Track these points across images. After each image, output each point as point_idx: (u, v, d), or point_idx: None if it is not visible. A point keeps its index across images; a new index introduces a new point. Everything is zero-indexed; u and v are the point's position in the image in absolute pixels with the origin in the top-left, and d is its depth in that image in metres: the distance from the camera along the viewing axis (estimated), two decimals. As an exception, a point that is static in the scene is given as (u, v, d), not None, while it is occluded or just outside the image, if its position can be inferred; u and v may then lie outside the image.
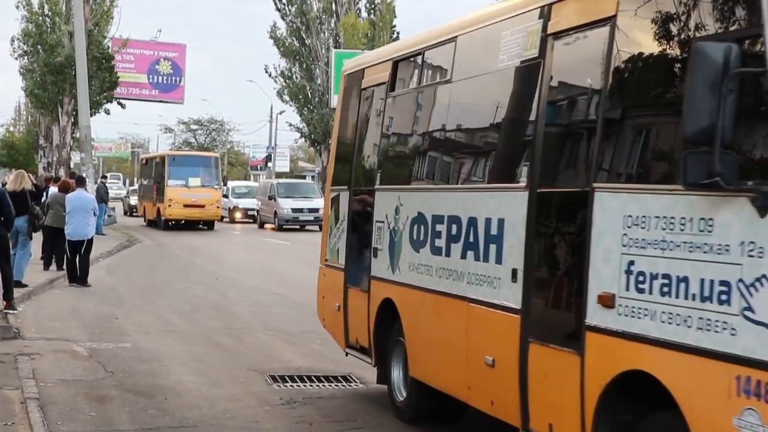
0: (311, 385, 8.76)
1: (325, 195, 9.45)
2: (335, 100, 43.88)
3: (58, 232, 16.86)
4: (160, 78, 56.19)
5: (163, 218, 34.97)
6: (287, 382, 8.87)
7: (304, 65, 57.20)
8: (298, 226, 35.94)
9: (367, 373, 9.24)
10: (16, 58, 36.97)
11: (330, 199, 9.04)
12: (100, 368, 9.34)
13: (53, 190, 18.36)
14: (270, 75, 59.18)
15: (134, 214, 44.23)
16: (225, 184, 36.76)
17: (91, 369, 9.32)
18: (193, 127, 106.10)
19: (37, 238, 16.33)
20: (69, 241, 16.31)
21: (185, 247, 27.13)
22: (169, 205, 34.24)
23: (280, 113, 71.56)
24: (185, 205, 34.23)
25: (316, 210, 32.83)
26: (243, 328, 12.22)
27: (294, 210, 35.57)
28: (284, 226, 35.46)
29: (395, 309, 7.36)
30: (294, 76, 57.91)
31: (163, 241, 29.37)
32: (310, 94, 57.17)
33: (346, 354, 8.60)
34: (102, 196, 28.71)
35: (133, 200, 45.83)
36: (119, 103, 38.08)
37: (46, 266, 17.55)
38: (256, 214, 40.16)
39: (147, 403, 7.98)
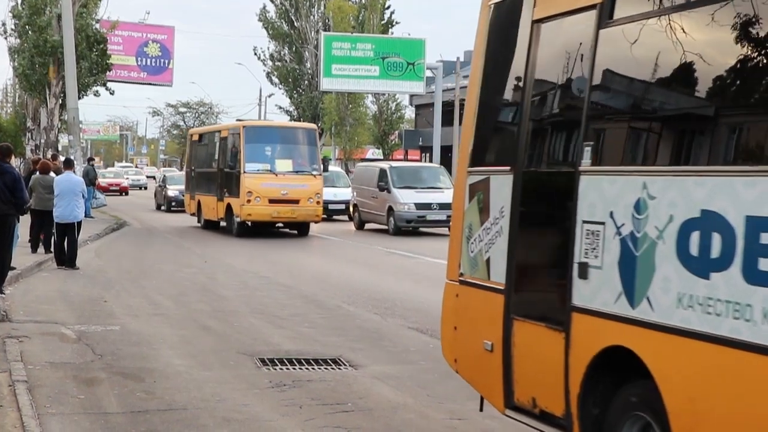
0: (300, 368, 8.75)
1: (457, 180, 6.57)
2: (325, 83, 43.90)
3: (43, 215, 16.80)
4: (148, 60, 55.88)
5: (237, 219, 24.34)
6: (276, 365, 8.85)
7: (294, 48, 57.01)
8: (420, 229, 25.98)
9: (357, 356, 9.25)
10: (6, 38, 36.67)
11: (468, 186, 6.29)
12: (89, 351, 9.31)
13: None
14: (259, 58, 59.02)
15: (173, 209, 35.98)
16: (326, 170, 25.72)
17: (80, 352, 9.28)
18: (182, 110, 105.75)
19: (25, 221, 16.26)
20: (57, 224, 16.24)
21: (175, 230, 27.07)
22: (248, 201, 23.65)
23: (269, 96, 71.54)
24: (272, 201, 23.77)
25: (448, 206, 24.06)
26: (231, 311, 12.20)
27: (419, 206, 25.12)
28: (403, 229, 25.51)
29: (636, 364, 4.65)
30: (284, 59, 57.74)
31: (153, 225, 29.28)
32: (299, 77, 57.03)
33: (506, 414, 5.90)
34: (91, 179, 28.57)
35: (173, 191, 36.50)
36: (107, 89, 37.78)
37: (34, 249, 17.48)
38: (350, 209, 29.58)
39: (136, 386, 7.96)
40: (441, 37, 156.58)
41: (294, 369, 8.73)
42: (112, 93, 38.84)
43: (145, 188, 63.00)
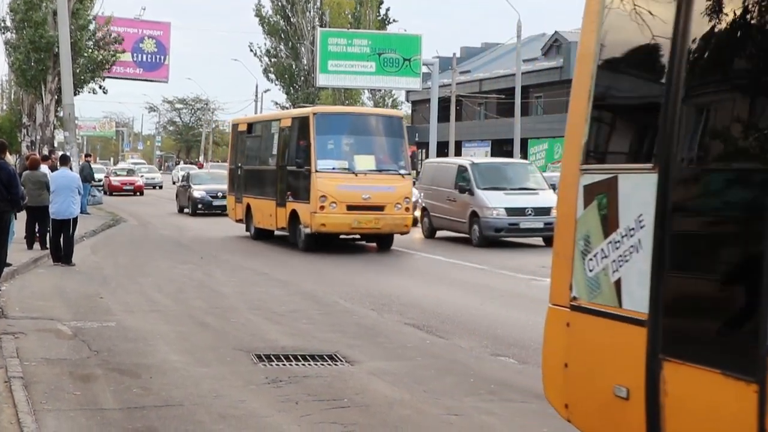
0: (297, 364, 8.74)
1: (564, 181, 5.31)
2: (321, 79, 43.85)
3: (36, 211, 16.76)
4: (144, 56, 55.85)
5: (306, 230, 19.30)
6: (273, 361, 8.84)
7: (290, 44, 56.99)
8: (512, 238, 21.33)
9: (354, 352, 9.24)
10: (3, 33, 36.58)
11: (582, 189, 5.02)
12: (85, 347, 9.30)
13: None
14: (255, 54, 59.02)
15: (199, 212, 31.28)
16: (414, 167, 19.88)
17: (76, 348, 9.27)
18: (178, 105, 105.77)
19: (21, 217, 16.23)
20: (53, 220, 16.22)
21: (172, 226, 27.02)
22: (321, 207, 18.85)
23: (266, 92, 71.51)
24: (351, 207, 19.00)
25: (546, 211, 20.19)
26: (228, 307, 12.19)
27: (511, 211, 20.54)
28: (490, 237, 20.78)
29: None
30: (280, 55, 57.73)
31: (149, 221, 29.22)
32: (295, 73, 57.02)
33: None
34: (86, 176, 28.53)
35: (200, 191, 31.46)
36: (101, 87, 37.72)
37: (30, 245, 17.45)
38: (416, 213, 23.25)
39: (132, 382, 7.94)
40: (437, 33, 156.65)
41: (291, 365, 8.72)
42: (105, 92, 38.79)
43: (160, 187, 57.43)
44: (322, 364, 8.77)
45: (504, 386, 8.02)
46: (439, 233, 23.06)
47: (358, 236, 20.58)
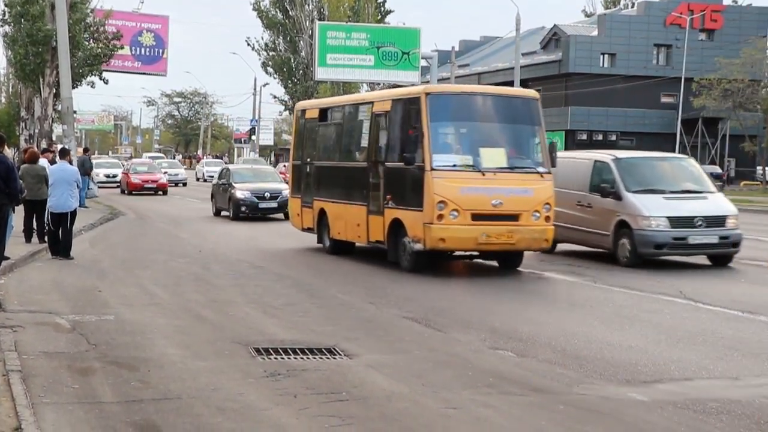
0: (295, 358, 8.74)
1: None
2: (319, 73, 43.80)
3: (35, 204, 16.76)
4: (142, 50, 55.79)
5: (415, 245, 14.65)
6: (271, 354, 8.84)
7: (288, 38, 56.92)
8: (675, 257, 16.62)
9: (352, 345, 9.24)
10: (2, 26, 36.52)
11: None
12: (83, 341, 9.30)
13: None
14: (253, 48, 58.96)
15: (242, 215, 26.55)
16: (554, 164, 15.38)
17: (74, 341, 9.27)
18: (177, 99, 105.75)
19: (20, 210, 16.22)
20: (52, 214, 16.21)
21: (170, 220, 27.00)
22: (440, 217, 14.30)
23: (264, 85, 71.42)
24: (478, 216, 14.44)
25: (720, 221, 16.07)
26: (226, 300, 12.19)
27: (675, 222, 15.85)
28: (647, 254, 16.05)
29: None
30: (278, 49, 57.67)
31: (147, 214, 29.20)
32: (294, 67, 56.97)
33: None
34: (86, 169, 28.52)
35: (243, 191, 26.82)
36: (101, 78, 37.66)
37: (28, 239, 17.45)
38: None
39: (130, 375, 7.95)
40: (436, 27, 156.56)
41: (289, 358, 8.72)
42: (106, 82, 38.75)
43: (184, 184, 50.43)
44: (321, 358, 8.77)
45: (502, 379, 8.03)
46: (561, 246, 17.80)
47: (475, 253, 15.73)
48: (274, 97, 61.45)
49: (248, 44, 59.46)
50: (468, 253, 15.66)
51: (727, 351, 9.42)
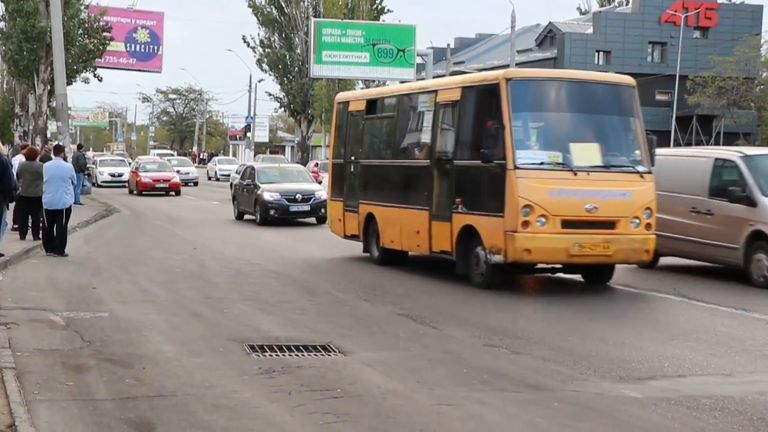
0: (290, 355, 8.74)
1: None
2: (315, 70, 43.72)
3: (31, 201, 16.74)
4: (137, 46, 55.66)
5: (494, 258, 12.63)
6: (266, 351, 8.84)
7: (284, 34, 56.85)
8: None
9: (347, 342, 9.25)
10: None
11: None
12: (78, 338, 9.29)
13: (21, 158, 18.23)
14: (248, 45, 58.87)
15: (271, 219, 23.85)
16: (653, 162, 13.23)
17: (68, 338, 9.26)
18: (172, 96, 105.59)
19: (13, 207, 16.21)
20: (47, 210, 16.18)
21: (165, 216, 26.96)
22: (525, 224, 12.30)
23: (259, 82, 71.36)
24: (569, 223, 12.45)
25: None
26: (221, 297, 12.18)
27: None
28: None
29: None
30: (273, 45, 57.59)
31: (143, 211, 29.16)
32: (289, 64, 56.91)
33: None
34: (81, 166, 28.49)
35: (272, 193, 24.05)
36: (95, 75, 37.60)
37: (22, 236, 17.42)
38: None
39: (125, 372, 7.94)
40: (431, 24, 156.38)
41: (284, 355, 8.72)
42: (100, 80, 38.68)
43: (195, 184, 47.12)
44: (316, 355, 8.77)
45: (497, 376, 8.04)
46: (663, 260, 15.38)
47: (558, 266, 13.34)
48: (269, 94, 61.36)
49: (245, 41, 59.40)
50: (550, 267, 13.43)
51: (720, 348, 9.44)
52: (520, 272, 13.76)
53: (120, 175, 43.46)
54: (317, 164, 42.69)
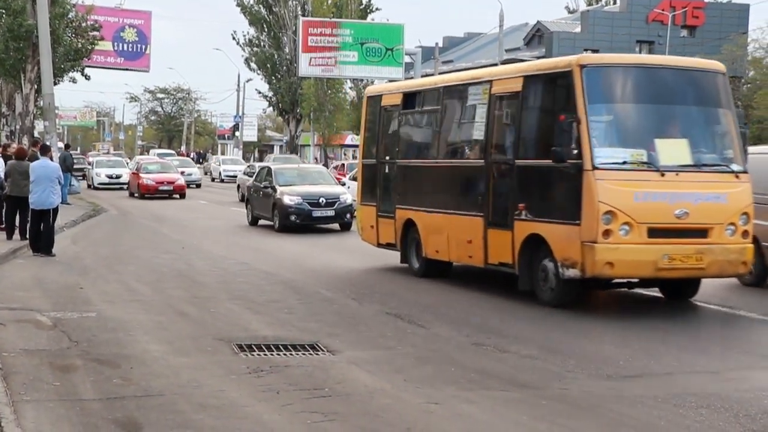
0: (278, 354, 8.73)
1: None
2: (303, 69, 43.75)
3: (19, 201, 16.68)
4: (125, 46, 55.50)
5: (568, 272, 11.07)
6: (254, 351, 8.83)
7: (272, 33, 56.75)
8: None
9: (335, 341, 9.25)
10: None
11: None
12: (65, 338, 9.26)
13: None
14: (237, 42, 58.74)
15: (291, 225, 21.85)
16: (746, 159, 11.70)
17: (55, 339, 9.23)
18: (160, 95, 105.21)
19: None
20: (33, 210, 16.12)
21: (152, 215, 26.87)
22: (607, 233, 10.73)
23: (248, 81, 71.26)
24: (656, 232, 10.85)
25: None
26: (209, 297, 12.16)
27: None
28: None
29: None
30: (261, 45, 57.50)
31: (130, 211, 29.06)
32: (278, 63, 56.81)
33: None
34: (68, 166, 28.38)
35: (293, 197, 21.95)
36: (83, 74, 37.42)
37: (9, 236, 17.34)
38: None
39: (112, 372, 7.92)
40: (420, 23, 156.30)
41: (271, 355, 8.71)
42: (88, 78, 38.46)
43: (198, 186, 44.47)
44: (303, 354, 8.76)
45: (484, 375, 8.05)
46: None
47: (634, 280, 11.77)
48: (259, 92, 61.21)
49: (234, 38, 59.25)
50: (626, 281, 11.82)
51: (708, 345, 9.48)
52: (596, 288, 12.22)
53: (118, 177, 41.17)
54: (344, 165, 37.31)
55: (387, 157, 15.29)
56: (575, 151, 10.89)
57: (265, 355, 8.70)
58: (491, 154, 12.59)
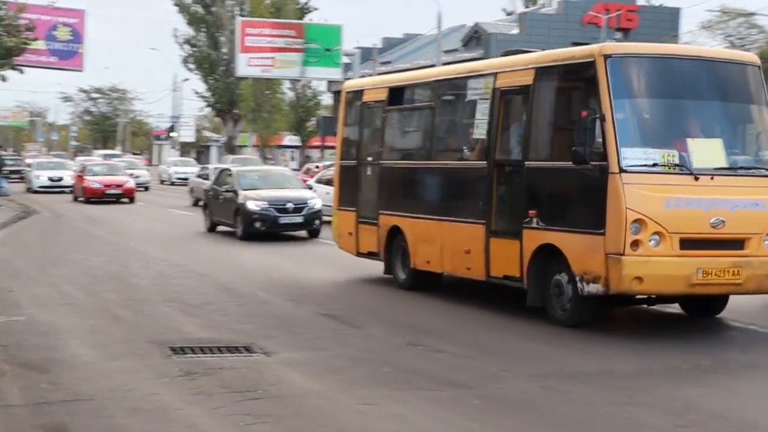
0: (212, 356, 8.65)
1: None
2: (240, 69, 43.44)
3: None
4: (58, 44, 54.50)
5: (590, 287, 9.80)
6: (187, 353, 8.74)
7: (210, 33, 56.26)
8: None
9: (270, 343, 9.19)
10: None
11: None
12: (-8, 342, 9.05)
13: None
14: (177, 41, 58.09)
15: (254, 232, 20.16)
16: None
17: (-18, 343, 9.02)
18: (94, 95, 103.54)
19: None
20: (-39, 212, 15.72)
21: (86, 218, 26.42)
22: (635, 244, 9.51)
23: (185, 80, 70.55)
24: (689, 243, 9.67)
25: None
26: (143, 299, 12.00)
27: None
28: None
29: None
30: (199, 44, 56.95)
31: (63, 213, 28.52)
32: (215, 62, 56.31)
33: None
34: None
35: (258, 202, 20.17)
36: (14, 68, 36.63)
37: (-63, 238, 16.92)
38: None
39: (40, 377, 7.77)
40: (358, 24, 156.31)
41: (205, 357, 8.62)
42: (21, 72, 37.62)
43: (146, 188, 42.22)
44: (238, 356, 8.70)
45: (419, 375, 8.07)
46: None
47: (652, 296, 10.45)
48: (196, 92, 60.58)
49: (175, 36, 58.48)
50: (646, 297, 10.50)
51: (642, 344, 9.64)
52: (617, 305, 11.10)
53: (60, 180, 39.08)
54: (317, 167, 32.40)
55: (369, 158, 13.88)
56: (599, 152, 9.64)
57: (199, 357, 8.61)
58: (495, 155, 11.19)
